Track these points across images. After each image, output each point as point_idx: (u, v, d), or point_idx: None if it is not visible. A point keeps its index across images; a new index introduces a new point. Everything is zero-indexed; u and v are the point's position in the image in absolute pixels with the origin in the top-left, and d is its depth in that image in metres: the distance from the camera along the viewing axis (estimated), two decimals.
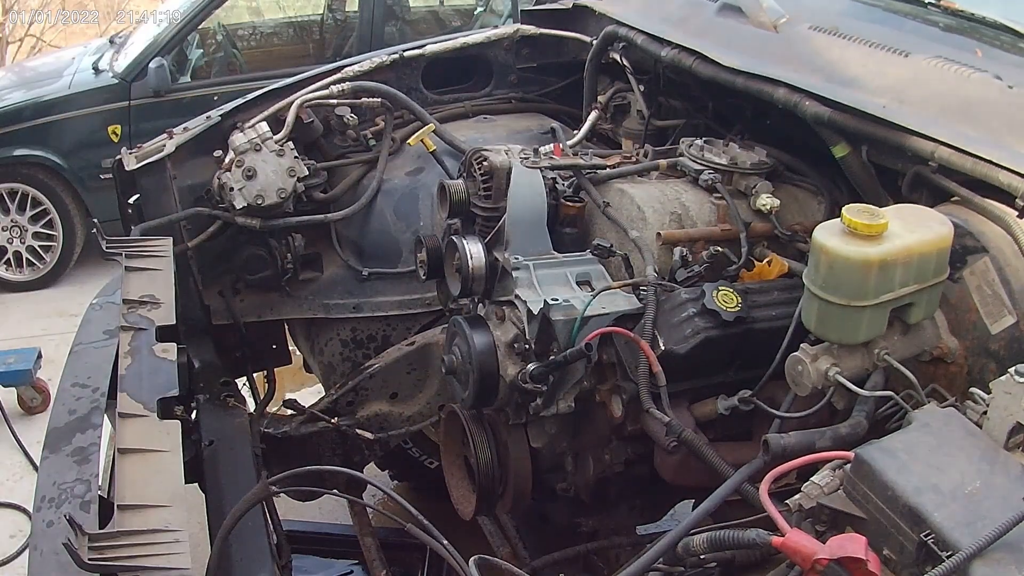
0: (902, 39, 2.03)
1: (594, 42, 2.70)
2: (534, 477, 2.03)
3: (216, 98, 5.20)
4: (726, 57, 2.18)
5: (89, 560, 1.31)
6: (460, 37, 3.02)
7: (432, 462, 3.23)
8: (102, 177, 5.41)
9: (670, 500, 2.33)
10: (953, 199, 1.73)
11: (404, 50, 2.90)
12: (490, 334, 1.89)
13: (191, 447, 2.16)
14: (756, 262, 1.98)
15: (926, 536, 1.14)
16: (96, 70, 5.81)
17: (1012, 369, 1.29)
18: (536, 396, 1.84)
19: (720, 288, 1.78)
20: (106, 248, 2.20)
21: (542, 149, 2.14)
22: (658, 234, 1.94)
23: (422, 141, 2.66)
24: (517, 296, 1.87)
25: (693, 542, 1.37)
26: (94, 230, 2.29)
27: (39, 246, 5.72)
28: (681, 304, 1.78)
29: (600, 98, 2.73)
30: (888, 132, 1.83)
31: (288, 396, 2.86)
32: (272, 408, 2.87)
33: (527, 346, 1.84)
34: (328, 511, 3.50)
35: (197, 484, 2.11)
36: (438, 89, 3.00)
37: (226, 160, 2.55)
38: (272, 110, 2.66)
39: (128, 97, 5.59)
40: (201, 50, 6.13)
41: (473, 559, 1.37)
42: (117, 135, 5.60)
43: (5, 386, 4.31)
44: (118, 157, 2.64)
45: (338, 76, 2.77)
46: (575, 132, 2.71)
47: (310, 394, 3.66)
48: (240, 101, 2.71)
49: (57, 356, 4.23)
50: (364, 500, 2.80)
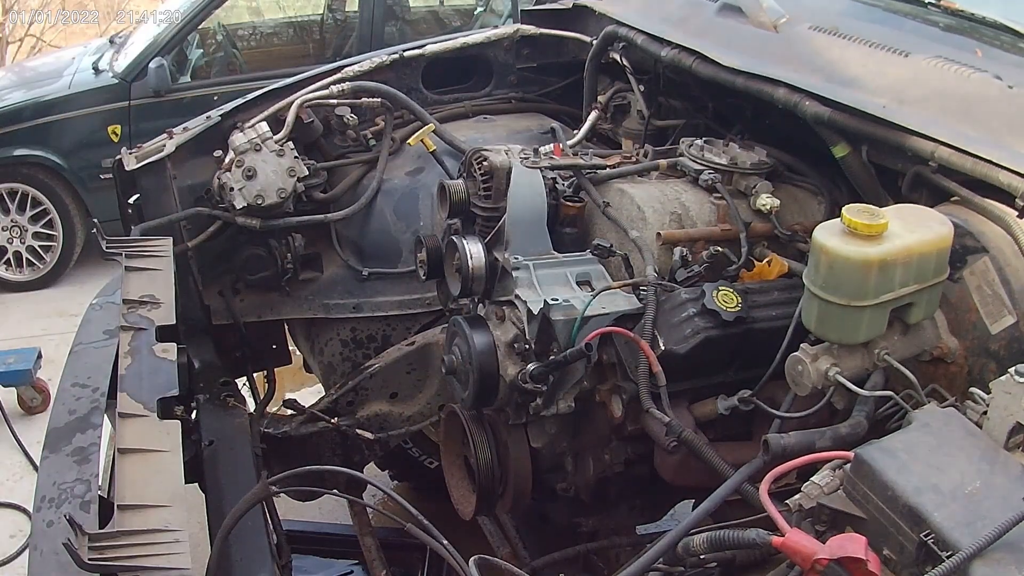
0: (902, 39, 2.03)
1: (594, 42, 2.70)
2: (534, 477, 2.02)
3: (216, 98, 5.20)
4: (726, 57, 2.18)
5: (89, 560, 1.30)
6: (460, 37, 3.02)
7: (432, 462, 3.23)
8: (102, 177, 5.41)
9: (670, 500, 2.33)
10: (953, 199, 1.73)
11: (404, 50, 2.90)
12: (490, 334, 1.89)
13: (191, 447, 2.16)
14: (756, 262, 1.97)
15: (926, 536, 1.14)
16: (96, 70, 5.81)
17: (1012, 369, 1.29)
18: (536, 396, 1.84)
19: (720, 288, 1.78)
20: (106, 248, 2.20)
21: (542, 149, 2.14)
22: (658, 234, 1.94)
23: (422, 141, 2.66)
24: (517, 296, 1.87)
25: (693, 542, 1.37)
26: (94, 230, 2.29)
27: (39, 246, 5.72)
28: (681, 304, 1.78)
29: (600, 98, 2.73)
30: (888, 132, 1.83)
31: (288, 396, 2.86)
32: (272, 408, 2.87)
33: (527, 346, 1.84)
34: (328, 511, 3.50)
35: (197, 484, 2.11)
36: (438, 89, 3.00)
37: (226, 160, 2.55)
38: (272, 110, 2.65)
39: (128, 97, 5.59)
40: (201, 50, 6.13)
41: (473, 559, 1.37)
42: (117, 135, 5.60)
43: (5, 386, 4.31)
44: (118, 157, 2.64)
45: (338, 76, 2.77)
46: (575, 132, 2.71)
47: (310, 394, 3.66)
48: (240, 101, 2.71)
49: (57, 356, 4.23)
50: (364, 500, 2.79)
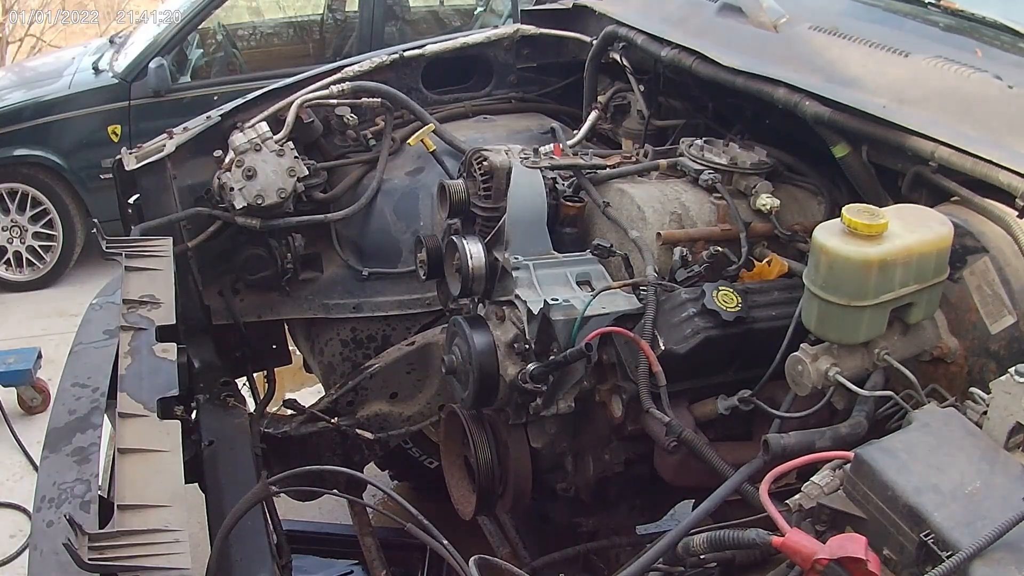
0: (902, 39, 2.03)
1: (594, 42, 2.70)
2: (534, 477, 2.02)
3: (216, 98, 5.20)
4: (726, 57, 2.18)
5: (89, 560, 1.30)
6: (460, 37, 3.02)
7: (432, 462, 3.23)
8: (102, 177, 5.41)
9: (670, 500, 2.33)
10: (953, 199, 1.73)
11: (404, 50, 2.90)
12: (490, 334, 1.89)
13: (191, 447, 2.16)
14: (756, 262, 1.97)
15: (926, 536, 1.14)
16: (96, 70, 5.81)
17: (1012, 369, 1.29)
18: (536, 396, 1.84)
19: (720, 288, 1.78)
20: (106, 248, 2.20)
21: (542, 149, 2.14)
22: (658, 234, 1.94)
23: (422, 141, 2.66)
24: (517, 296, 1.87)
25: (693, 542, 1.37)
26: (94, 230, 2.29)
27: (39, 246, 5.72)
28: (681, 304, 1.78)
29: (600, 98, 2.73)
30: (888, 132, 1.83)
31: (288, 396, 2.86)
32: (272, 408, 2.87)
33: (527, 346, 1.84)
34: (328, 511, 3.50)
35: (197, 484, 2.11)
36: (438, 89, 3.00)
37: (226, 160, 2.55)
38: (272, 110, 2.65)
39: (128, 97, 5.59)
40: (201, 50, 6.13)
41: (473, 559, 1.37)
42: (117, 135, 5.60)
43: (5, 386, 4.31)
44: (118, 157, 2.64)
45: (338, 76, 2.77)
46: (575, 132, 2.71)
47: (310, 394, 3.66)
48: (240, 101, 2.71)
49: (57, 356, 4.23)
50: (364, 500, 2.79)
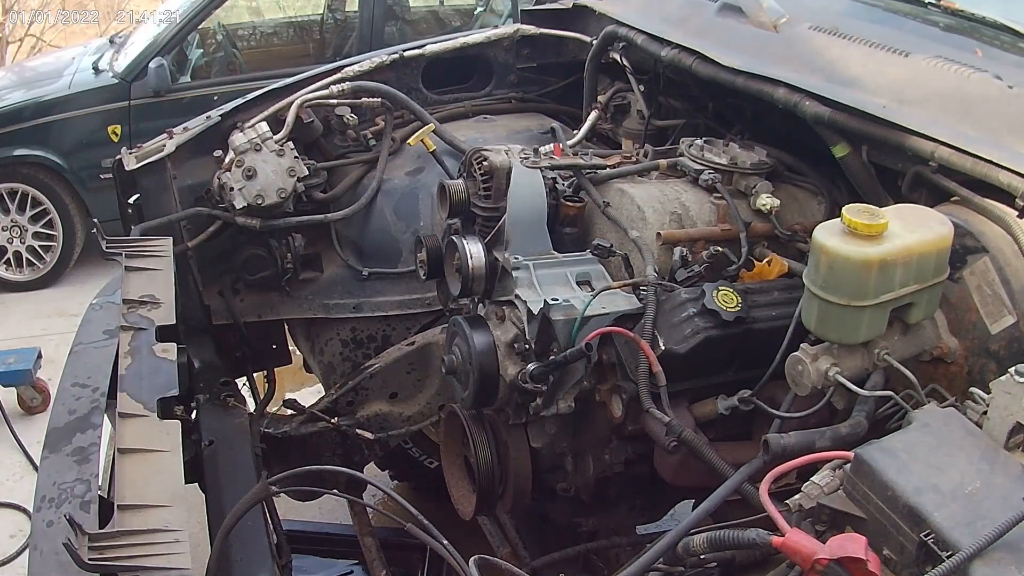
0: (902, 39, 2.03)
1: (594, 42, 2.70)
2: (534, 477, 2.02)
3: (216, 98, 5.20)
4: (726, 57, 2.18)
5: (89, 560, 1.30)
6: (460, 37, 3.02)
7: (432, 462, 3.23)
8: (102, 177, 5.42)
9: (670, 500, 2.33)
10: (953, 199, 1.73)
11: (404, 50, 2.90)
12: (490, 334, 1.89)
13: (191, 447, 2.16)
14: (756, 262, 1.97)
15: (926, 536, 1.14)
16: (96, 70, 5.81)
17: (1012, 369, 1.29)
18: (536, 396, 1.84)
19: (720, 288, 1.78)
20: (106, 248, 2.20)
21: (542, 149, 2.14)
22: (658, 234, 1.94)
23: (422, 141, 2.66)
24: (517, 296, 1.87)
25: (693, 542, 1.37)
26: (94, 230, 2.29)
27: (39, 246, 5.72)
28: (681, 304, 1.78)
29: (600, 98, 2.73)
30: (888, 132, 1.83)
31: (288, 396, 2.86)
32: (272, 408, 2.87)
33: (527, 346, 1.84)
34: (328, 511, 3.50)
35: (197, 484, 2.11)
36: (438, 89, 3.00)
37: (226, 160, 2.55)
38: (272, 110, 2.65)
39: (128, 97, 5.60)
40: (201, 50, 6.13)
41: (473, 559, 1.37)
42: (117, 135, 5.60)
43: (5, 386, 4.31)
44: (118, 157, 2.64)
45: (338, 76, 2.77)
46: (575, 132, 2.71)
47: (310, 394, 3.66)
48: (240, 101, 2.71)
49: (57, 356, 4.23)
50: (364, 500, 2.79)
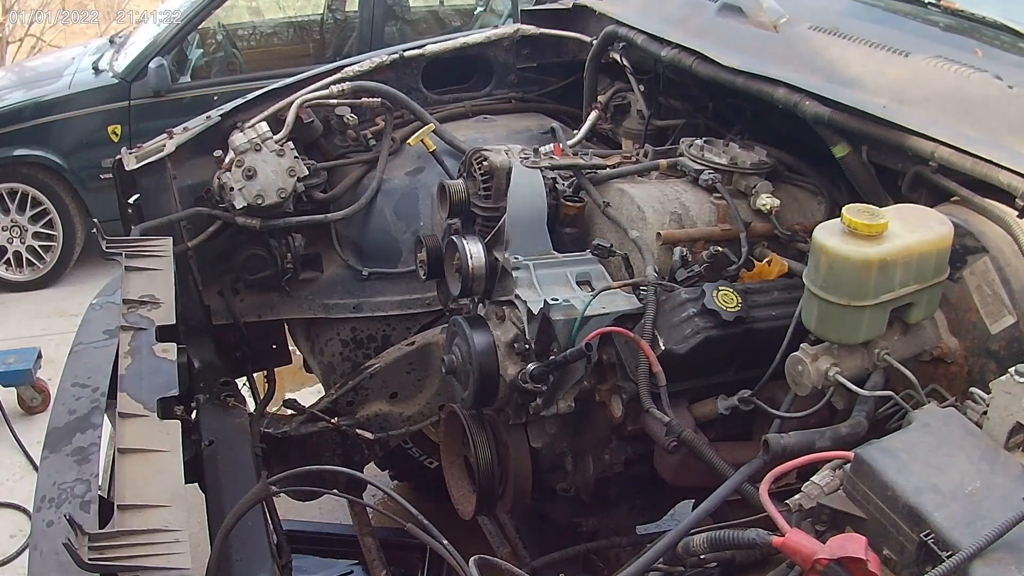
0: (902, 39, 2.03)
1: (594, 42, 2.70)
2: (534, 477, 2.02)
3: (216, 98, 5.20)
4: (726, 57, 2.18)
5: (89, 560, 1.30)
6: (460, 37, 3.02)
7: (432, 462, 3.23)
8: (102, 177, 5.42)
9: (670, 500, 2.33)
10: (953, 199, 1.73)
11: (404, 50, 2.90)
12: (490, 334, 1.89)
13: (191, 447, 2.16)
14: (756, 262, 1.97)
15: (926, 536, 1.14)
16: (96, 70, 5.82)
17: (1012, 369, 1.29)
18: (536, 396, 1.84)
19: (720, 288, 1.78)
20: (106, 248, 2.20)
21: (542, 149, 2.14)
22: (658, 234, 1.94)
23: (422, 141, 2.66)
24: (517, 296, 1.87)
25: (693, 542, 1.37)
26: (94, 230, 2.29)
27: (39, 246, 5.72)
28: (681, 304, 1.78)
29: (600, 98, 2.73)
30: (888, 132, 1.83)
31: (288, 396, 2.86)
32: (272, 408, 2.87)
33: (527, 346, 1.84)
34: (328, 511, 3.50)
35: (197, 484, 2.11)
36: (438, 89, 3.00)
37: (226, 160, 2.55)
38: (272, 110, 2.65)
39: (128, 97, 5.60)
40: (201, 50, 6.13)
41: (473, 559, 1.37)
42: (117, 135, 5.60)
43: (5, 386, 4.31)
44: (118, 157, 2.64)
45: (338, 76, 2.77)
46: (575, 132, 2.71)
47: (310, 394, 3.66)
48: (240, 101, 2.71)
49: (57, 356, 4.23)
50: (364, 500, 2.79)
